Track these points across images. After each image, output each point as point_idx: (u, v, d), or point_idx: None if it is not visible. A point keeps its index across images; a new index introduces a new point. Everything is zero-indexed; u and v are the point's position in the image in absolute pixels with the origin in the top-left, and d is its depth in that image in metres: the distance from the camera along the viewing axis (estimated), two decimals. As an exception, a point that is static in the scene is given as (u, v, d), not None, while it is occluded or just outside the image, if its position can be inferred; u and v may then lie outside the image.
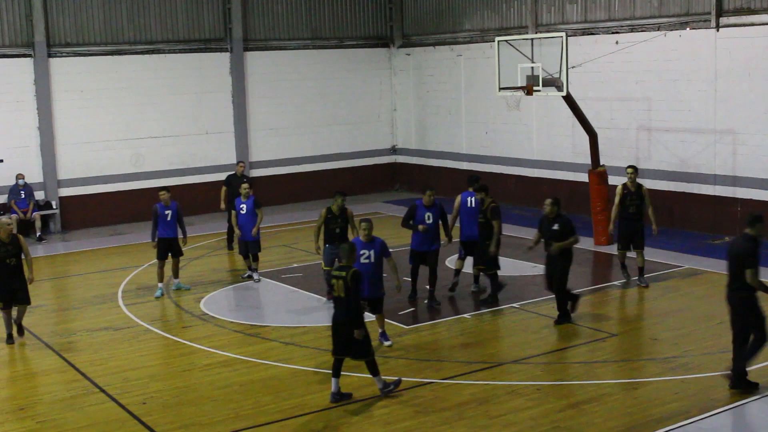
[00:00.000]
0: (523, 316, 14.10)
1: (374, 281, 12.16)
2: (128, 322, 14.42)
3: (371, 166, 27.53)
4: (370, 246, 12.15)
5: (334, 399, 10.66)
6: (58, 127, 22.55)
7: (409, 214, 14.75)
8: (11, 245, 13.10)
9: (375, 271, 12.16)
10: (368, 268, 12.02)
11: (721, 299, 14.59)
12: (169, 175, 23.92)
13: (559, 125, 22.45)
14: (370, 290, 12.09)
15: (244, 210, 16.45)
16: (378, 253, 12.15)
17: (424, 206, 14.68)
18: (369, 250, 12.14)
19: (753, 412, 10.09)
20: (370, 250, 12.13)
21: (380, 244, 12.22)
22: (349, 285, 10.54)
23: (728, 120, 19.02)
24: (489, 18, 24.55)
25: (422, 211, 14.64)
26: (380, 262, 12.22)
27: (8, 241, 13.10)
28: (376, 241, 12.21)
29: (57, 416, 10.58)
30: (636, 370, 11.55)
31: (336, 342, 10.74)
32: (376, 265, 12.17)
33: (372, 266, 12.12)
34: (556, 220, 13.38)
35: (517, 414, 10.17)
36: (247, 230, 16.35)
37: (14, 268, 13.11)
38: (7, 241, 13.08)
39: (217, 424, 10.18)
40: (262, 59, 25.36)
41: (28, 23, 22.09)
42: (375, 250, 12.13)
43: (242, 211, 16.48)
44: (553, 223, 13.39)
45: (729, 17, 18.89)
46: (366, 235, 12.17)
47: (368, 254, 12.12)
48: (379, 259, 12.19)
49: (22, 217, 21.52)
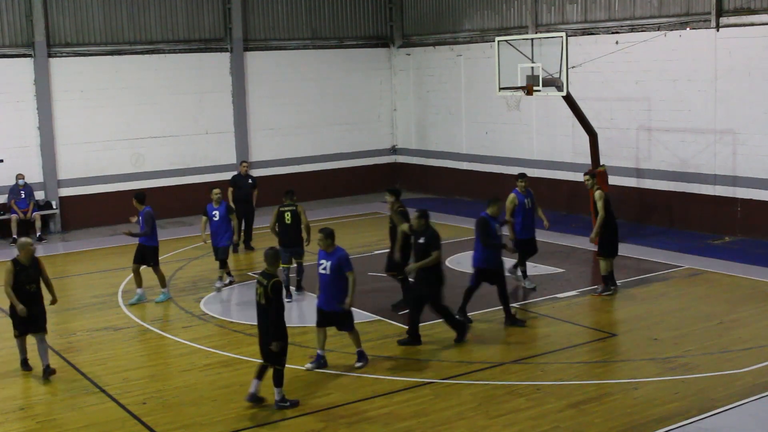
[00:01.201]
0: (523, 316, 14.08)
1: (332, 294, 11.49)
2: (128, 322, 14.42)
3: (371, 166, 27.53)
4: (328, 257, 11.48)
5: (250, 398, 10.61)
6: (58, 127, 22.56)
7: (487, 230, 13.40)
8: (32, 269, 11.80)
9: (331, 284, 11.46)
10: (324, 280, 11.50)
11: (721, 299, 14.67)
12: (169, 175, 23.94)
13: (559, 125, 22.46)
14: (327, 304, 11.55)
15: (216, 216, 15.86)
16: (335, 265, 11.40)
17: (493, 218, 13.57)
18: (327, 260, 11.47)
19: (753, 412, 10.09)
20: (327, 261, 11.46)
21: (339, 256, 11.44)
22: (269, 295, 10.26)
23: (728, 120, 19.02)
24: (489, 18, 24.55)
25: (494, 223, 13.53)
26: (339, 275, 11.43)
27: (29, 264, 11.79)
28: (336, 252, 11.49)
29: (57, 416, 10.58)
30: (636, 370, 11.55)
31: (260, 347, 10.60)
32: (333, 278, 11.42)
33: (328, 278, 11.45)
34: (423, 234, 12.61)
35: (517, 414, 10.18)
36: (221, 237, 15.87)
37: (34, 295, 11.82)
38: (27, 264, 11.77)
39: (217, 424, 10.19)
40: (262, 59, 25.37)
41: (28, 23, 22.09)
42: (332, 262, 11.41)
43: (215, 217, 15.87)
44: (420, 236, 12.63)
45: (729, 17, 18.89)
46: (324, 246, 11.53)
47: (325, 265, 11.48)
48: (337, 272, 11.41)
49: (22, 217, 21.52)
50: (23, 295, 11.69)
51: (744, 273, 16.12)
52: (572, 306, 14.54)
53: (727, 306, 14.22)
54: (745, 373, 11.19)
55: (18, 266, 11.73)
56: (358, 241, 20.14)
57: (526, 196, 15.41)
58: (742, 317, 13.60)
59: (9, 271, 11.70)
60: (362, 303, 14.92)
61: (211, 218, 15.96)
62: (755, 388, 10.71)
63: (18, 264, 11.75)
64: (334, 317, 11.67)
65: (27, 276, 11.72)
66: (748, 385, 10.79)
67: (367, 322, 13.91)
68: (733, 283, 15.64)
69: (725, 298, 14.71)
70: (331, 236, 11.55)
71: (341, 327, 11.78)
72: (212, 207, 15.97)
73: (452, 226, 21.46)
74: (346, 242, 19.92)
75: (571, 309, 14.38)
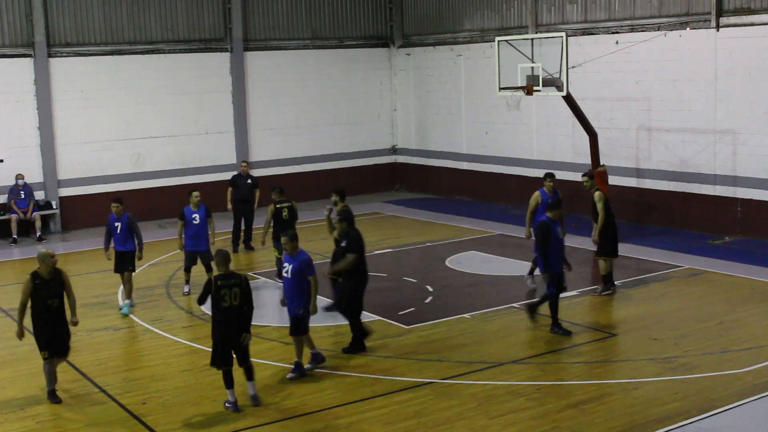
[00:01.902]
0: (523, 316, 14.08)
1: (292, 299, 11.42)
2: (128, 322, 14.42)
3: (371, 166, 27.53)
4: (292, 260, 11.40)
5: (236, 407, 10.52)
6: (58, 127, 22.56)
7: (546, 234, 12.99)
8: (53, 282, 10.77)
9: (292, 288, 11.39)
10: (286, 283, 11.52)
11: (721, 299, 14.67)
12: (169, 175, 23.94)
13: (559, 125, 22.46)
14: (290, 308, 11.48)
15: (197, 220, 15.44)
16: (296, 269, 11.31)
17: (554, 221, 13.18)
18: (290, 264, 11.41)
19: (753, 412, 10.09)
20: (289, 265, 11.41)
21: (302, 260, 11.36)
22: (247, 291, 10.42)
23: (728, 120, 19.02)
24: (489, 18, 24.55)
25: (556, 227, 13.14)
26: (300, 278, 11.34)
27: (50, 277, 10.76)
28: (299, 255, 11.40)
29: (57, 416, 10.58)
30: (636, 370, 11.55)
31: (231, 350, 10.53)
32: (294, 281, 11.35)
33: (289, 281, 11.41)
34: (345, 237, 12.56)
35: (517, 414, 10.18)
36: (203, 241, 15.55)
37: (57, 311, 10.80)
38: (48, 278, 10.75)
39: (217, 424, 10.19)
40: (262, 59, 25.37)
41: (28, 23, 22.09)
42: (294, 265, 11.33)
43: (195, 221, 15.44)
44: (343, 240, 12.60)
45: (729, 17, 18.89)
46: (289, 249, 11.44)
47: (288, 269, 11.42)
48: (299, 276, 11.33)
49: (22, 217, 21.52)
50: (44, 312, 10.72)
51: (744, 273, 16.12)
52: (572, 306, 14.53)
53: (727, 306, 14.22)
54: (745, 373, 11.19)
55: (37, 279, 10.72)
56: (358, 241, 20.12)
57: (551, 197, 15.31)
58: (742, 317, 13.60)
59: (27, 285, 10.73)
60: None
61: (191, 222, 15.46)
62: (755, 388, 10.71)
63: (37, 277, 10.73)
64: (295, 323, 11.55)
65: (48, 290, 10.71)
66: (748, 385, 10.79)
67: (368, 322, 13.90)
68: (733, 283, 15.64)
69: (725, 298, 14.71)
70: (295, 239, 11.49)
71: (294, 331, 11.55)
72: (191, 210, 15.50)
73: (452, 226, 21.49)
74: (346, 242, 19.99)
75: (571, 309, 14.38)
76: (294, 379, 11.45)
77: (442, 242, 19.68)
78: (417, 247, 19.33)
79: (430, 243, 19.66)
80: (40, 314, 10.74)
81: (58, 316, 10.83)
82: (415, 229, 21.43)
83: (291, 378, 11.46)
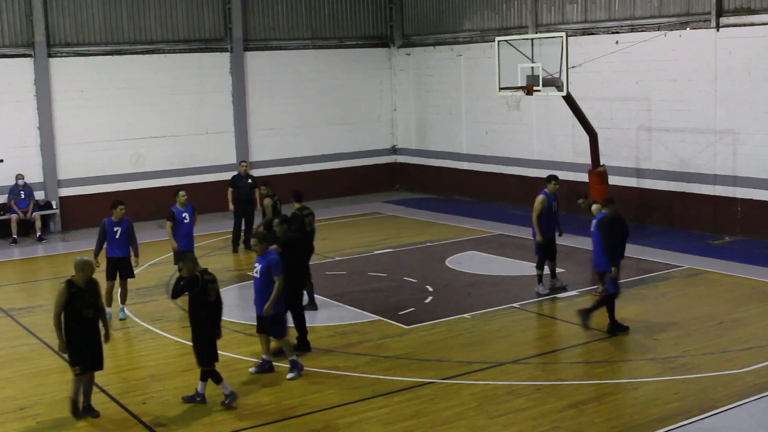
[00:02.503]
0: (523, 316, 14.10)
1: (261, 299, 11.45)
2: (128, 322, 14.42)
3: (371, 166, 27.53)
4: (261, 260, 11.44)
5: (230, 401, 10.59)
6: (58, 127, 22.56)
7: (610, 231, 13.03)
8: (88, 292, 10.28)
9: (261, 288, 11.41)
10: (255, 284, 11.53)
11: (721, 299, 14.67)
12: (169, 175, 23.94)
13: (559, 125, 22.46)
14: (258, 308, 11.54)
15: (187, 219, 15.27)
16: (264, 269, 11.36)
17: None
18: (259, 264, 11.46)
19: (753, 412, 10.09)
20: (259, 264, 11.45)
21: (270, 260, 11.38)
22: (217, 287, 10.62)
23: (728, 120, 19.02)
24: (489, 18, 24.55)
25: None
26: (268, 279, 11.36)
27: (86, 287, 10.27)
28: (267, 256, 11.42)
29: (57, 416, 10.57)
30: (636, 370, 11.55)
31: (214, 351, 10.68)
32: (262, 282, 11.39)
33: (257, 282, 11.46)
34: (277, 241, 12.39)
35: (517, 414, 10.18)
36: (192, 239, 15.44)
37: (92, 322, 10.32)
38: (84, 287, 10.25)
39: (217, 424, 10.19)
40: (262, 59, 25.37)
41: (28, 23, 22.09)
42: (262, 266, 11.38)
43: (185, 220, 15.26)
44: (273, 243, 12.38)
45: (729, 17, 18.89)
46: (258, 250, 11.48)
47: (257, 269, 11.47)
48: (266, 276, 11.36)
49: (22, 217, 21.52)
50: (80, 323, 10.19)
51: (744, 273, 16.12)
52: (572, 306, 14.52)
53: (727, 306, 14.22)
54: (745, 373, 11.19)
55: (73, 288, 10.17)
56: (358, 241, 20.15)
57: (554, 199, 15.34)
58: (742, 317, 13.60)
59: (62, 294, 10.14)
60: (362, 303, 14.97)
61: (181, 221, 15.27)
62: (755, 388, 10.71)
63: (73, 286, 10.18)
64: (266, 322, 11.56)
65: (84, 300, 10.17)
66: (748, 385, 10.79)
67: (368, 321, 13.93)
68: (733, 283, 15.64)
69: (725, 298, 14.71)
70: (265, 240, 11.52)
71: (272, 333, 11.60)
72: (180, 210, 15.29)
73: (452, 226, 21.49)
74: (347, 242, 20.02)
75: (571, 309, 14.36)
76: (294, 378, 11.45)
77: (442, 242, 19.68)
78: (417, 247, 19.34)
79: (430, 243, 19.67)
80: (75, 326, 10.19)
81: (93, 327, 10.32)
82: (415, 229, 21.43)
83: (291, 378, 11.46)
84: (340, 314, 14.40)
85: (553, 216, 15.36)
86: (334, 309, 14.72)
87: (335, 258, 18.49)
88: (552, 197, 15.31)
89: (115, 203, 14.50)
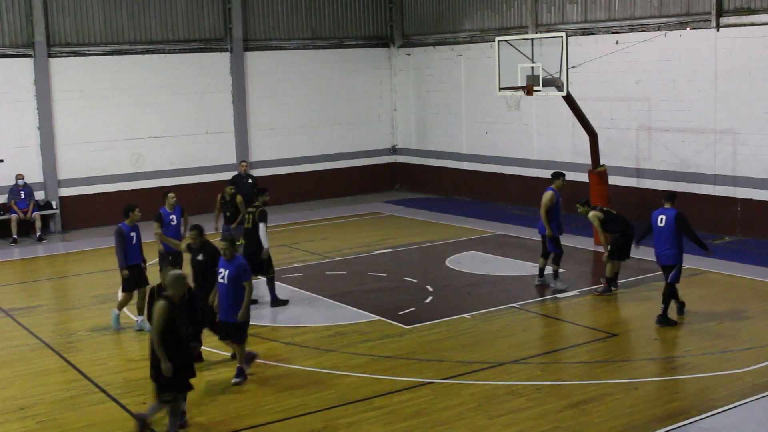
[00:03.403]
0: (523, 316, 14.10)
1: (229, 304, 11.14)
2: (128, 322, 14.40)
3: (371, 166, 27.53)
4: (228, 265, 11.19)
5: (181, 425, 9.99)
6: (58, 127, 22.56)
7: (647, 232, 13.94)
8: (183, 307, 9.68)
9: (228, 294, 11.13)
10: (222, 289, 11.24)
11: (721, 299, 14.66)
12: (169, 175, 23.94)
13: (559, 125, 22.46)
14: (224, 314, 11.24)
15: (174, 221, 14.95)
16: (232, 274, 11.10)
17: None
18: (225, 269, 11.19)
19: (753, 412, 10.09)
20: (225, 270, 11.18)
21: (237, 265, 11.15)
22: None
23: (728, 120, 19.02)
24: (489, 18, 24.55)
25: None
26: (236, 284, 11.11)
27: (180, 302, 9.62)
28: (235, 260, 11.20)
29: (57, 416, 10.58)
30: (636, 370, 11.55)
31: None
32: (230, 287, 11.11)
33: (224, 287, 11.17)
34: (201, 250, 12.12)
35: (517, 414, 10.18)
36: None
37: (186, 340, 9.71)
38: (179, 303, 9.58)
39: (217, 424, 10.18)
40: (262, 59, 25.37)
41: (28, 23, 22.10)
42: (230, 271, 11.12)
43: (172, 222, 14.92)
44: (198, 253, 12.12)
45: (729, 17, 18.89)
46: (225, 254, 11.22)
47: (224, 274, 11.19)
48: (235, 282, 11.10)
49: (22, 217, 21.52)
50: (177, 343, 9.46)
51: (744, 273, 16.11)
52: (572, 306, 14.54)
53: (727, 306, 14.22)
54: (745, 373, 11.18)
55: (172, 306, 9.47)
56: (358, 241, 20.15)
57: (560, 196, 15.59)
58: (742, 317, 13.59)
59: (164, 309, 9.36)
60: (362, 303, 14.97)
61: (169, 223, 14.90)
62: (755, 388, 10.70)
63: (172, 303, 9.48)
64: (232, 328, 11.28)
65: (180, 317, 9.52)
66: (748, 385, 10.79)
67: (368, 321, 13.93)
68: (733, 283, 15.64)
69: (725, 298, 14.71)
70: (234, 243, 11.28)
71: (234, 339, 11.31)
72: (167, 212, 14.96)
73: (452, 226, 21.48)
74: (347, 242, 20.02)
75: (571, 309, 14.39)
76: (239, 383, 11.16)
77: (442, 242, 19.68)
78: (417, 247, 19.34)
79: (430, 243, 19.67)
80: (172, 345, 9.40)
81: (186, 346, 9.62)
82: (415, 229, 21.43)
83: (236, 383, 11.16)
84: (340, 314, 14.41)
85: (559, 212, 15.52)
86: (334, 309, 14.73)
87: (335, 258, 18.49)
88: (558, 194, 15.54)
89: (130, 207, 13.99)
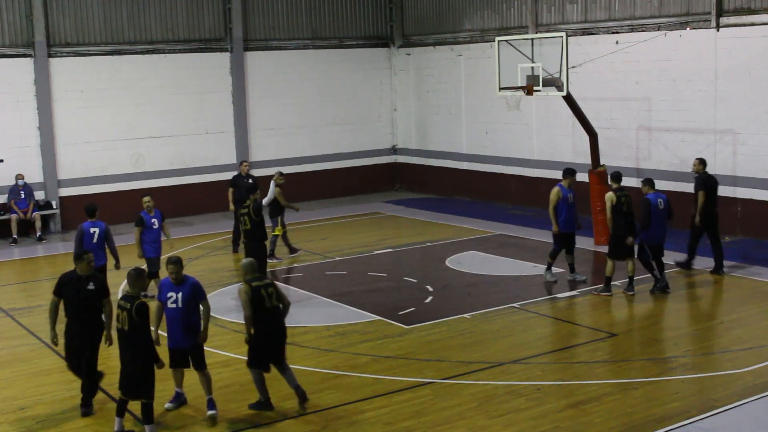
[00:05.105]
0: (523, 316, 14.10)
1: (185, 329, 10.28)
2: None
3: (371, 166, 27.53)
4: (178, 288, 10.22)
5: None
6: (58, 127, 22.55)
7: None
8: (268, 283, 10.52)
9: (184, 318, 10.24)
10: (175, 314, 10.23)
11: (721, 299, 14.67)
12: (169, 175, 23.95)
13: (559, 125, 22.46)
14: (181, 340, 10.33)
15: (156, 225, 15.02)
16: (187, 297, 10.21)
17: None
18: (176, 293, 10.21)
19: (753, 412, 10.09)
20: (177, 293, 10.21)
21: (191, 285, 10.27)
22: (134, 319, 9.54)
23: (728, 120, 19.02)
24: (489, 18, 24.55)
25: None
26: (192, 306, 10.28)
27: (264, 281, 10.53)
28: (186, 282, 10.27)
29: (57, 416, 10.58)
30: (636, 370, 11.55)
31: (120, 379, 9.82)
32: (186, 311, 10.22)
33: (179, 312, 10.21)
34: (90, 279, 10.61)
35: (517, 414, 10.18)
36: (159, 246, 15.05)
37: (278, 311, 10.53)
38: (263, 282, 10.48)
39: (217, 424, 10.18)
40: (262, 59, 25.37)
41: (28, 23, 22.09)
42: (183, 293, 10.20)
43: (154, 225, 15.01)
44: (88, 282, 10.60)
45: (729, 17, 18.89)
46: (174, 277, 10.24)
47: (175, 298, 10.21)
48: (190, 303, 10.24)
49: (22, 217, 21.52)
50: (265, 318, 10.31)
51: (744, 273, 16.12)
52: (572, 306, 14.54)
53: (727, 306, 14.22)
54: (745, 373, 11.19)
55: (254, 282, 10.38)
56: (358, 241, 20.15)
57: (570, 191, 15.74)
58: (742, 317, 13.59)
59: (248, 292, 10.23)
60: (362, 303, 14.98)
61: (150, 227, 15.01)
62: (755, 388, 10.70)
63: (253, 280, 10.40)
64: (193, 353, 10.42)
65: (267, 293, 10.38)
66: (748, 385, 10.79)
67: (368, 321, 13.93)
68: (733, 283, 15.64)
69: (725, 298, 14.71)
70: (181, 264, 10.35)
71: (196, 365, 10.45)
72: (149, 216, 15.00)
73: (452, 226, 21.48)
74: (347, 242, 20.02)
75: (571, 309, 14.39)
76: (214, 416, 10.28)
77: (442, 242, 19.69)
78: (417, 247, 19.34)
79: (430, 243, 19.67)
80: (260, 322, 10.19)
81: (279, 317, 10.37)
82: (415, 229, 21.44)
83: (211, 415, 10.28)
84: (340, 314, 14.41)
85: (572, 209, 15.58)
86: (334, 309, 14.73)
87: (335, 258, 18.49)
88: (568, 190, 15.69)
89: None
